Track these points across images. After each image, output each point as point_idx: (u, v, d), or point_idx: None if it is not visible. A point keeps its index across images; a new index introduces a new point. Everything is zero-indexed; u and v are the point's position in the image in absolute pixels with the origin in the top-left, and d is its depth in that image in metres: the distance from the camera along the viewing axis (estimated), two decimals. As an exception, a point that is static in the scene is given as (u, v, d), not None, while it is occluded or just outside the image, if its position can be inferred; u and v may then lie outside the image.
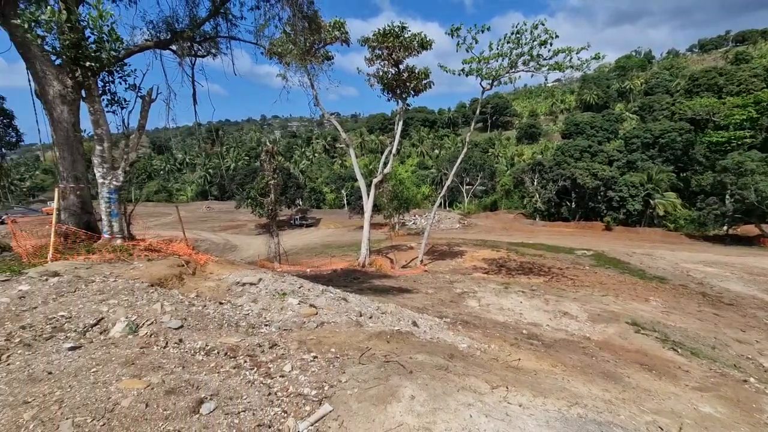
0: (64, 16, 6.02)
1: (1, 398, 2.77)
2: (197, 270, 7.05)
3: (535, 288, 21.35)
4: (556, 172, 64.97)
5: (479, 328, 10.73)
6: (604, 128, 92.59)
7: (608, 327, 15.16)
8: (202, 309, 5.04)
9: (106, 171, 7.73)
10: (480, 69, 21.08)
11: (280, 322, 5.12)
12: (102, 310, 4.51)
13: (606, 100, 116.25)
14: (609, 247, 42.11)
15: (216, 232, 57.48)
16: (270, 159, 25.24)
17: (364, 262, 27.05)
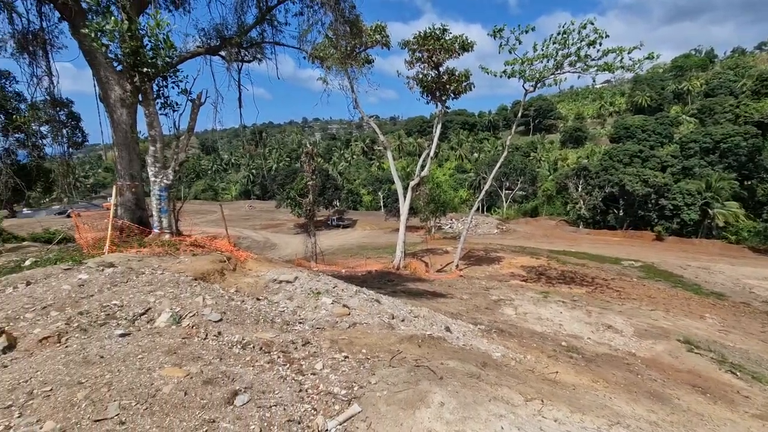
0: (125, 26, 6.50)
1: (59, 378, 3.02)
2: (237, 266, 7.34)
3: (577, 299, 20.42)
4: (603, 177, 61.86)
5: (515, 338, 10.40)
6: (658, 132, 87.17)
7: (657, 344, 14.23)
8: (240, 304, 5.24)
9: (157, 170, 8.25)
10: (523, 71, 20.50)
11: (314, 321, 5.21)
12: (150, 301, 4.80)
13: (660, 102, 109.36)
14: (660, 259, 39.52)
15: (257, 230, 59.58)
16: (309, 160, 25.85)
17: (398, 264, 27.04)
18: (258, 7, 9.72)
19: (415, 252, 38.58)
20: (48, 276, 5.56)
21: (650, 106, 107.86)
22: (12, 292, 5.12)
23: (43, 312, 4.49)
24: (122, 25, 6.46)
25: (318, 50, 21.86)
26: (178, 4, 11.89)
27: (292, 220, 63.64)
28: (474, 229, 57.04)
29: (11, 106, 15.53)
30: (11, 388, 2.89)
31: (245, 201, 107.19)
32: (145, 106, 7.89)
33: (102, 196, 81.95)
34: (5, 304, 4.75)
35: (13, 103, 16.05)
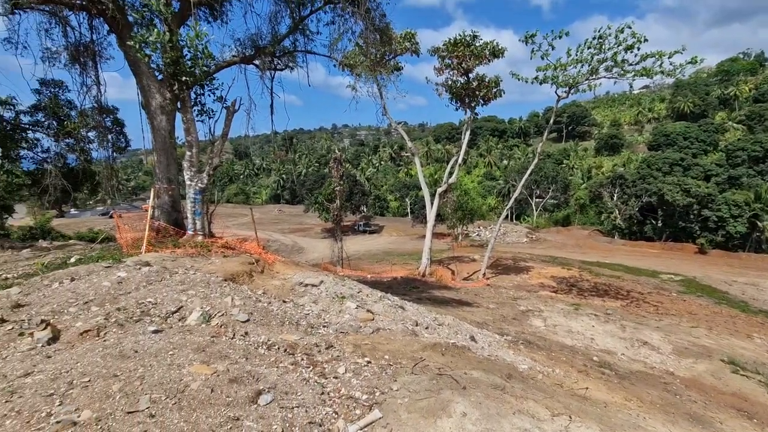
0: (167, 37, 6.87)
1: (97, 370, 3.19)
2: (265, 268, 7.52)
3: (611, 312, 19.60)
4: (640, 186, 59.29)
5: (543, 350, 10.09)
6: (701, 139, 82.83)
7: (698, 363, 13.44)
8: (267, 305, 5.36)
9: (193, 174, 8.60)
10: (556, 76, 20.04)
11: (338, 325, 5.25)
12: (182, 299, 4.99)
13: (704, 108, 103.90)
14: (702, 273, 37.36)
15: (285, 234, 60.79)
16: (337, 166, 26.21)
17: (424, 271, 26.84)
18: (291, 18, 10.04)
19: (441, 259, 38.21)
20: (90, 273, 5.89)
21: (693, 113, 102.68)
22: (58, 287, 5.46)
23: (85, 307, 4.76)
24: (164, 36, 6.84)
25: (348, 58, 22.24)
26: (216, 16, 12.45)
27: (319, 225, 64.52)
28: (502, 238, 55.92)
29: (63, 113, 16.64)
30: (54, 378, 3.07)
31: (275, 205, 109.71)
32: (183, 112, 8.27)
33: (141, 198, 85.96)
34: (51, 298, 5.06)
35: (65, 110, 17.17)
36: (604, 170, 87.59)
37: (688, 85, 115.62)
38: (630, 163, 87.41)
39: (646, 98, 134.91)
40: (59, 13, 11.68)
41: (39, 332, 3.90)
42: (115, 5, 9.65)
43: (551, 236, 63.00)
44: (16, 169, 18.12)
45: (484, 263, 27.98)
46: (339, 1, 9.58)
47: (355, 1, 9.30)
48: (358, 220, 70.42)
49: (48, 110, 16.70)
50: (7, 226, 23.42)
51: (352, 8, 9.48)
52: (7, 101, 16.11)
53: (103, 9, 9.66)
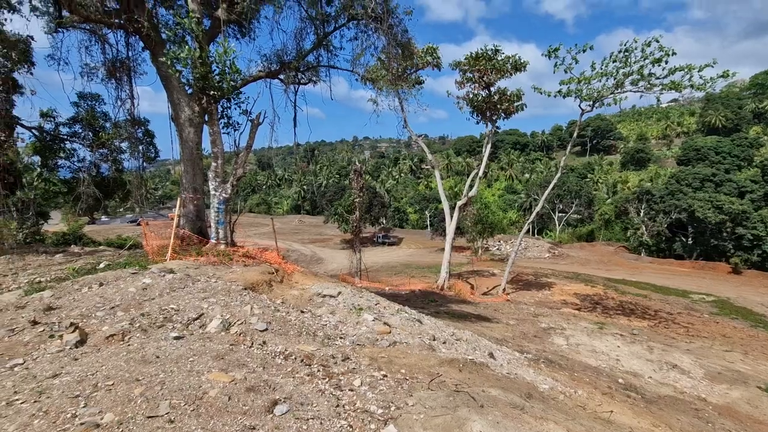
0: (197, 53, 7.17)
1: (120, 374, 3.28)
2: (285, 278, 7.60)
3: (637, 332, 18.84)
4: (668, 202, 57.30)
5: (565, 370, 9.76)
6: (734, 154, 79.71)
7: (732, 389, 12.73)
8: (285, 315, 5.41)
9: (218, 184, 8.85)
10: (580, 90, 19.79)
11: (355, 337, 5.24)
12: (203, 307, 5.10)
13: (737, 122, 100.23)
14: (736, 294, 35.58)
15: (305, 244, 61.38)
16: (357, 178, 26.44)
17: (443, 285, 26.56)
18: (316, 34, 10.34)
19: (460, 273, 37.74)
20: (117, 279, 6.10)
21: (725, 127, 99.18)
22: (87, 291, 5.67)
23: (111, 311, 4.92)
24: (194, 53, 7.15)
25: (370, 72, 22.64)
26: (244, 33, 12.93)
27: (338, 236, 64.92)
28: (523, 252, 54.85)
29: (98, 125, 17.44)
30: (80, 380, 3.18)
31: (295, 215, 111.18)
32: (210, 125, 8.57)
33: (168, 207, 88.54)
34: (81, 302, 5.26)
35: (100, 122, 18.00)
36: (630, 185, 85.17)
37: (720, 99, 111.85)
38: (658, 178, 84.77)
39: (675, 112, 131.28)
40: (99, 32, 12.39)
41: (68, 335, 4.05)
42: (150, 24, 10.18)
43: (574, 252, 61.37)
44: (53, 177, 19.04)
45: (505, 278, 27.47)
46: (362, 18, 9.82)
47: (378, 17, 9.52)
48: (377, 231, 70.52)
49: (84, 122, 17.54)
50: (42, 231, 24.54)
51: (375, 24, 9.69)
52: (48, 113, 17.04)
53: (139, 27, 10.19)
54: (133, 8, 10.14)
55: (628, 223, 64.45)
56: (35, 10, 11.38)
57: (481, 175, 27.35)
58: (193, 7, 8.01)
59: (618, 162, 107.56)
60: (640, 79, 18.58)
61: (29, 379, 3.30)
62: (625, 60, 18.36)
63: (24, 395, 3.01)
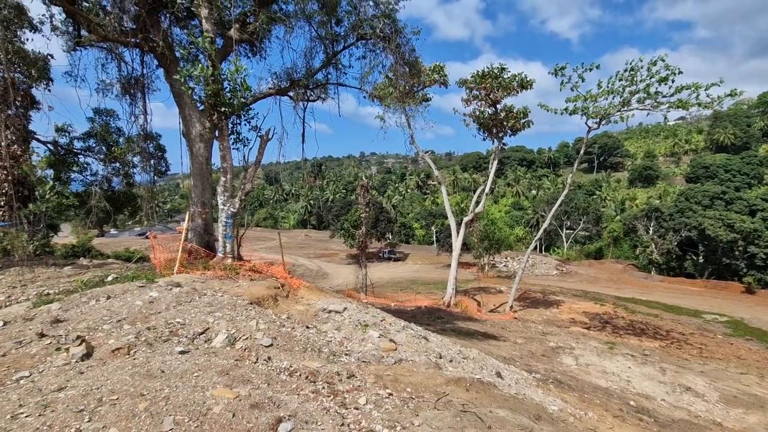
0: (209, 71, 7.36)
1: (125, 388, 3.27)
2: (290, 293, 7.59)
3: (649, 353, 18.40)
4: (678, 220, 56.66)
5: (575, 391, 9.52)
6: (744, 172, 79.00)
7: (749, 414, 12.31)
8: (290, 331, 5.37)
9: (226, 199, 8.94)
10: (586, 107, 19.88)
11: (360, 354, 5.19)
12: (209, 321, 5.09)
13: (746, 140, 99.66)
14: (751, 315, 34.74)
15: (311, 259, 61.34)
16: (364, 193, 26.56)
17: (449, 301, 26.28)
18: (325, 53, 10.58)
19: (466, 289, 37.37)
20: (125, 292, 6.13)
21: (734, 145, 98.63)
22: (94, 304, 5.70)
23: (118, 324, 4.93)
24: (207, 71, 7.34)
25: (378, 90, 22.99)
26: (255, 52, 13.26)
27: (344, 251, 64.83)
28: (531, 269, 54.28)
29: (112, 140, 17.81)
30: (84, 394, 3.17)
31: (302, 230, 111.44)
32: (220, 140, 8.72)
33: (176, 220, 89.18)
34: (88, 315, 5.28)
35: (114, 137, 18.39)
36: (639, 202, 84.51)
37: (728, 117, 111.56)
38: (666, 195, 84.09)
39: (683, 129, 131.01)
40: (115, 50, 12.79)
41: (74, 348, 4.06)
42: (165, 43, 10.48)
43: (583, 269, 60.58)
44: (65, 191, 19.35)
45: (512, 295, 27.14)
46: (371, 38, 10.04)
47: (386, 37, 9.72)
48: (383, 247, 70.34)
49: (99, 136, 17.94)
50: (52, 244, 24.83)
51: (383, 44, 9.90)
52: (63, 128, 17.47)
53: (154, 46, 10.50)
54: (149, 28, 10.48)
55: (637, 240, 63.69)
56: (55, 30, 11.79)
57: (487, 191, 27.32)
58: (207, 27, 8.26)
59: (626, 179, 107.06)
60: (647, 98, 18.63)
61: (35, 392, 3.30)
62: (631, 78, 18.47)
63: (29, 408, 3.00)
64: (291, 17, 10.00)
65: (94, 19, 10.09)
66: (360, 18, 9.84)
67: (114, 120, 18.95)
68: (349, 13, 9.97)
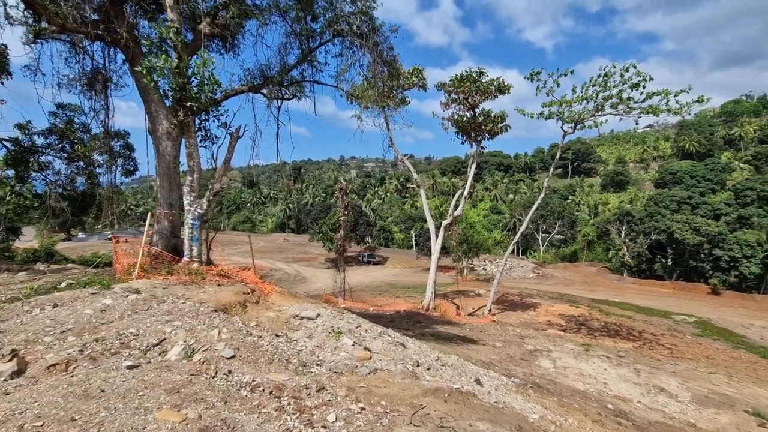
0: (174, 63, 6.90)
1: (54, 412, 2.83)
2: (261, 299, 7.16)
3: (623, 354, 18.68)
4: (648, 224, 58.63)
5: (554, 395, 9.42)
6: (708, 178, 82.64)
7: (720, 414, 12.55)
8: (257, 340, 4.98)
9: (192, 199, 8.44)
10: (561, 112, 20.18)
11: (332, 363, 4.85)
12: (166, 331, 4.64)
13: (709, 147, 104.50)
14: (717, 315, 36.08)
15: (289, 263, 60.25)
16: (343, 196, 26.15)
17: (428, 305, 26.12)
18: (300, 49, 10.22)
19: (446, 293, 37.37)
20: (75, 299, 5.60)
21: (698, 152, 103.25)
22: (38, 313, 5.16)
23: (62, 336, 4.44)
24: (171, 63, 6.88)
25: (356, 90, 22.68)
26: (228, 48, 12.76)
27: (323, 255, 64.01)
28: (508, 273, 54.92)
29: (75, 137, 16.81)
30: (4, 420, 2.72)
31: (280, 234, 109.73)
32: (187, 137, 8.21)
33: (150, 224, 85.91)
34: (29, 325, 4.75)
35: (78, 134, 17.38)
36: (611, 207, 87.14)
37: (693, 125, 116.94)
38: (636, 200, 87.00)
39: (651, 137, 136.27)
40: (78, 43, 12.06)
41: (3, 364, 3.57)
42: (130, 35, 9.91)
43: (558, 272, 61.78)
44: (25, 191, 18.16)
45: (490, 299, 27.22)
46: (348, 35, 9.75)
47: (363, 34, 9.46)
48: (362, 250, 69.86)
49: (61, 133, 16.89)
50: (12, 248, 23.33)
51: (360, 41, 9.63)
52: (24, 126, 16.35)
53: (118, 38, 9.91)
54: (113, 19, 9.88)
55: (610, 244, 65.51)
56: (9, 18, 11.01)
57: (466, 194, 27.39)
58: (173, 17, 7.79)
59: (598, 184, 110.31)
60: (619, 103, 19.04)
61: (-54, 418, 2.83)
62: (604, 84, 18.85)
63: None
64: (264, 11, 9.62)
65: (53, 8, 9.44)
66: (336, 14, 9.55)
67: (78, 116, 17.95)
68: (326, 9, 9.68)
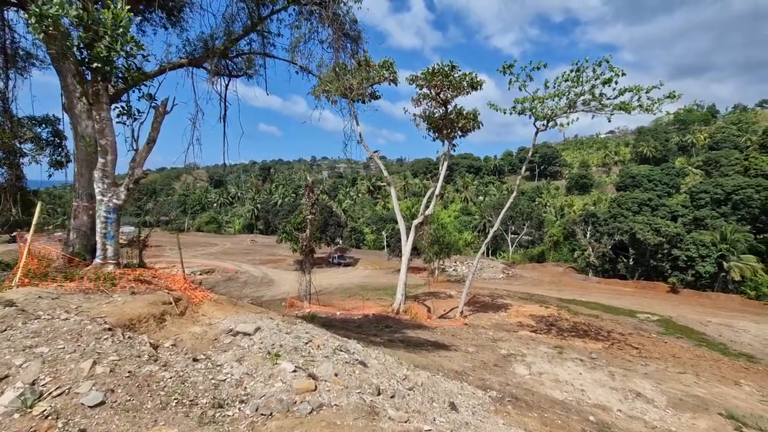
0: (73, 12, 5.41)
1: None
2: (188, 310, 5.78)
3: (596, 356, 18.31)
4: (611, 225, 60.30)
5: (533, 410, 8.50)
6: (664, 182, 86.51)
7: (697, 418, 12.14)
8: (156, 371, 3.62)
9: (106, 187, 6.87)
10: (534, 107, 19.63)
11: (262, 399, 3.59)
12: (14, 364, 3.23)
13: (665, 153, 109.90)
14: (677, 313, 37.20)
15: (256, 266, 57.81)
16: (309, 193, 24.67)
17: (398, 308, 25.06)
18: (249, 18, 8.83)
19: (417, 295, 36.52)
20: None
21: (655, 157, 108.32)
22: None
23: None
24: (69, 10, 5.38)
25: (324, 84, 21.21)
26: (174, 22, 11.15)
27: (292, 257, 61.89)
28: (479, 273, 54.91)
29: None
30: None
31: (248, 235, 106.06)
32: (96, 109, 6.64)
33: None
34: None
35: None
36: (576, 208, 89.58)
37: (650, 132, 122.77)
38: (600, 202, 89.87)
39: (612, 142, 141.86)
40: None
41: None
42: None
43: (527, 272, 62.52)
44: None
45: (462, 300, 26.49)
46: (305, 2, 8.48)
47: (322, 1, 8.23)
48: (333, 252, 68.21)
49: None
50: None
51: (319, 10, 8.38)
52: None
53: None
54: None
55: (575, 244, 66.99)
56: None
57: (437, 193, 26.56)
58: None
59: (564, 187, 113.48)
60: (592, 99, 18.69)
61: None
62: (576, 79, 18.42)
63: None
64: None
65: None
66: (291, -23, 8.28)
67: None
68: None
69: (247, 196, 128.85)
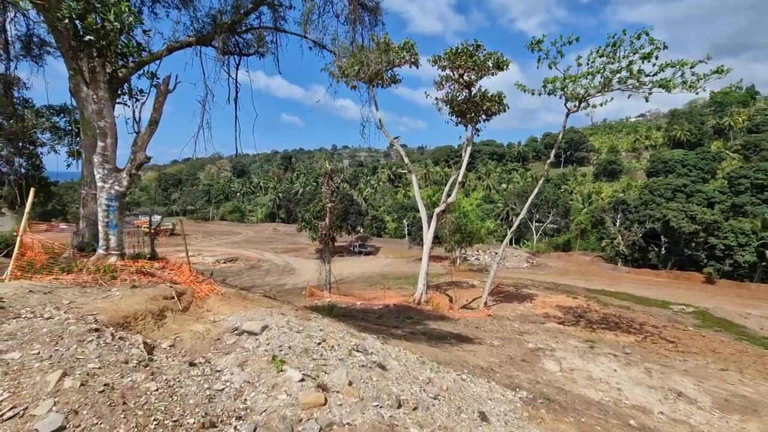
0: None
1: None
2: (192, 305, 5.33)
3: (630, 351, 17.26)
4: (642, 212, 57.57)
5: (569, 413, 7.78)
6: (699, 167, 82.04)
7: (746, 421, 11.09)
8: (140, 381, 3.12)
9: (107, 173, 6.45)
10: (566, 86, 18.32)
11: (262, 416, 3.05)
12: (-28, 375, 2.78)
13: (699, 137, 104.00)
14: (713, 305, 35.17)
15: (278, 254, 58.37)
16: (328, 181, 24.17)
17: (420, 298, 24.48)
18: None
19: (438, 284, 35.84)
20: None
21: (689, 141, 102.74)
22: None
23: None
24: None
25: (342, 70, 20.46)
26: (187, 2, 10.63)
27: (313, 245, 62.12)
28: (502, 262, 53.64)
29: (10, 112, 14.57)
30: None
31: (270, 224, 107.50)
32: (93, 88, 6.19)
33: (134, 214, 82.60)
34: None
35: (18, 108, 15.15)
36: (604, 196, 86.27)
37: (684, 115, 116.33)
38: (630, 188, 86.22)
39: (643, 126, 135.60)
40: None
41: None
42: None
43: (552, 262, 60.70)
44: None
45: (486, 291, 25.65)
46: (318, -31, 7.80)
47: (336, -32, 7.52)
48: (354, 240, 68.11)
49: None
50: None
51: (332, -23, 7.70)
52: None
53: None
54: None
55: (603, 233, 64.52)
56: None
57: (460, 180, 25.61)
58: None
59: (591, 173, 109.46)
60: (629, 77, 17.26)
61: None
62: (612, 54, 17.00)
63: None
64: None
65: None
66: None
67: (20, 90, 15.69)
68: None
69: (269, 185, 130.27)
